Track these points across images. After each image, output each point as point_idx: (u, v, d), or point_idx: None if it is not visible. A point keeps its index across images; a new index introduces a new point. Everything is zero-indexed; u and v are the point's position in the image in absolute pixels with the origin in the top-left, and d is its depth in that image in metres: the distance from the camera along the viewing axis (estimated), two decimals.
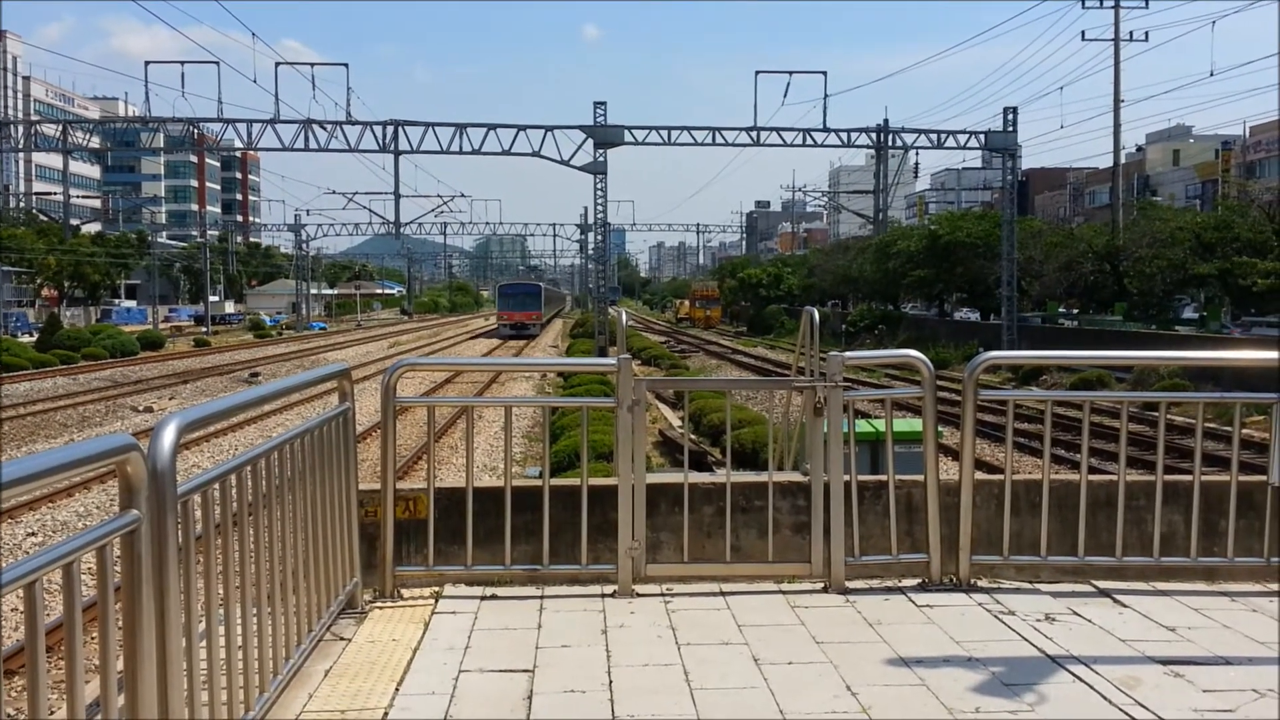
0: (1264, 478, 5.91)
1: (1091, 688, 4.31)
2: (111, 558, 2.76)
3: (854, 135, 44.91)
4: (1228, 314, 44.68)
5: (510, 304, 74.58)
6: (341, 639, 4.85)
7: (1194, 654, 4.73)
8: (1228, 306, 45.07)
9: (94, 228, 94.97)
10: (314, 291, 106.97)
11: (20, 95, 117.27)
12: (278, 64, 41.62)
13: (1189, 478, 5.94)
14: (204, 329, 75.22)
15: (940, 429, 6.45)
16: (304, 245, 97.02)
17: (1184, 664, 4.59)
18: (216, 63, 40.71)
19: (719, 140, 43.18)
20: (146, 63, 41.28)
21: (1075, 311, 52.12)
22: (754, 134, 42.64)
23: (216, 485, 3.48)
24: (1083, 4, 50.82)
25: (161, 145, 52.37)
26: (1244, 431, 6.19)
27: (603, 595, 5.56)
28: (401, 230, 56.28)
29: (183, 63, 41.88)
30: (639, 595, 5.56)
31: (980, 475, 6.32)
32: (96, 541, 2.65)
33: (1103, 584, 5.75)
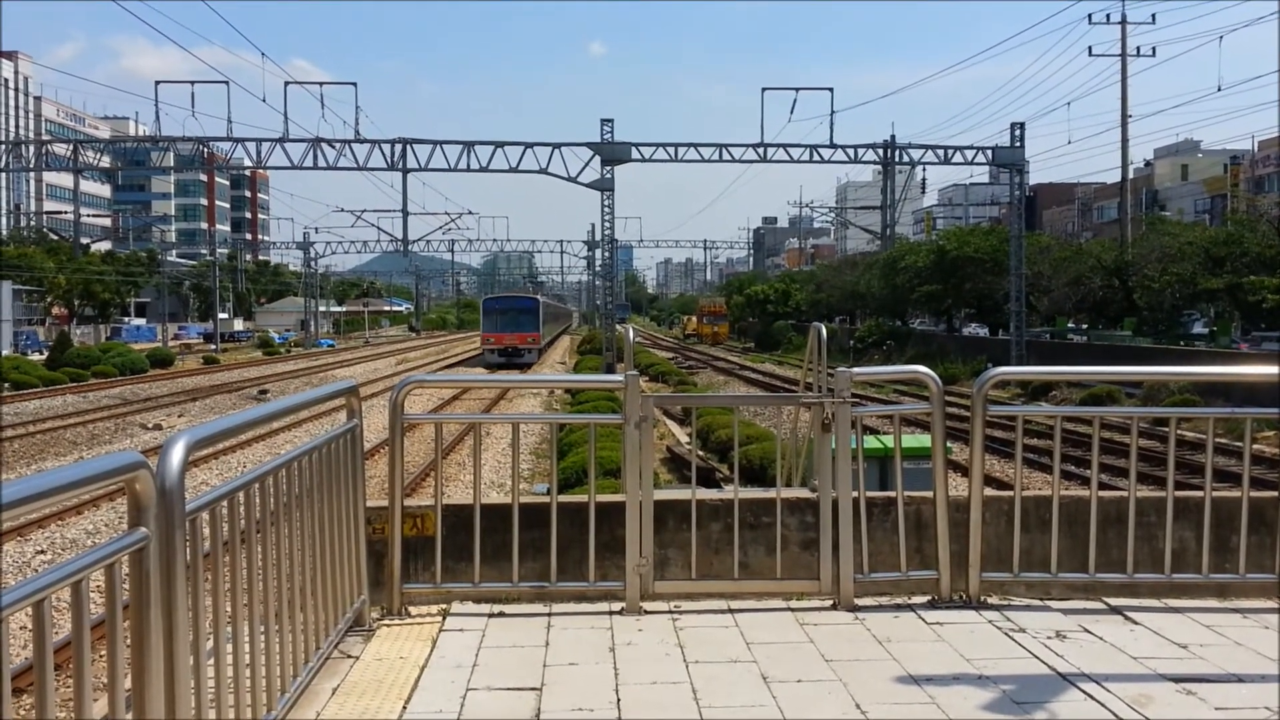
0: (1275, 493, 5.88)
1: (1103, 705, 4.28)
2: (120, 576, 2.76)
3: (861, 151, 44.93)
4: (1238, 329, 44.57)
5: (498, 323, 57.97)
6: (349, 657, 4.84)
7: (1206, 671, 4.69)
8: (1238, 321, 44.96)
9: (104, 246, 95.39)
10: (322, 309, 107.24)
11: (31, 115, 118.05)
12: (287, 83, 41.79)
13: (1200, 493, 5.91)
14: (213, 346, 75.39)
15: (949, 445, 6.44)
16: (313, 263, 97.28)
17: (1196, 681, 4.56)
18: (226, 82, 40.99)
19: (726, 157, 43.28)
20: (157, 82, 41.54)
21: (1084, 327, 52.05)
22: (761, 150, 42.70)
23: (225, 503, 3.48)
24: (1090, 20, 51.05)
25: (171, 164, 52.56)
26: (1255, 447, 6.15)
27: (610, 613, 5.54)
28: (409, 247, 56.44)
29: (193, 82, 42.14)
30: (647, 613, 5.54)
31: (990, 491, 6.30)
32: (105, 559, 2.65)
33: (1114, 601, 5.72)
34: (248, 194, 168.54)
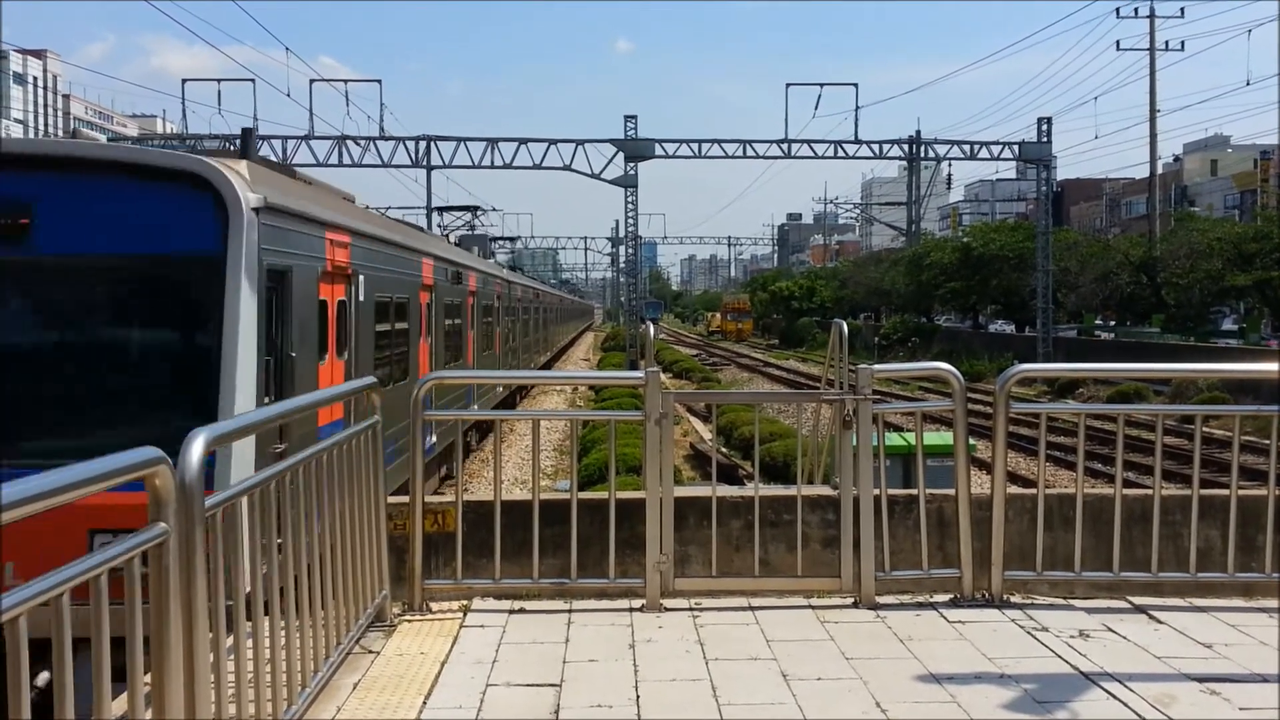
0: None
1: (1125, 705, 4.25)
2: (139, 571, 2.77)
3: (886, 147, 44.80)
4: (1268, 325, 44.12)
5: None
6: (370, 652, 4.86)
7: (1231, 671, 4.65)
8: (1267, 318, 44.51)
9: None
10: None
11: (60, 113, 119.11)
12: (312, 80, 41.95)
13: (1226, 492, 5.85)
14: None
15: (973, 442, 6.40)
16: None
17: (1221, 681, 4.51)
18: (252, 80, 41.17)
19: (750, 153, 43.19)
20: (184, 80, 41.85)
21: (1112, 323, 51.65)
22: (785, 146, 42.61)
23: (245, 498, 3.50)
24: (1118, 14, 50.64)
25: None
26: None
27: (630, 609, 5.54)
28: None
29: (219, 80, 42.40)
30: (667, 609, 5.53)
31: (1013, 489, 6.27)
32: (124, 554, 2.66)
33: (1138, 600, 5.67)
34: None
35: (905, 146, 47.04)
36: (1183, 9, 63.73)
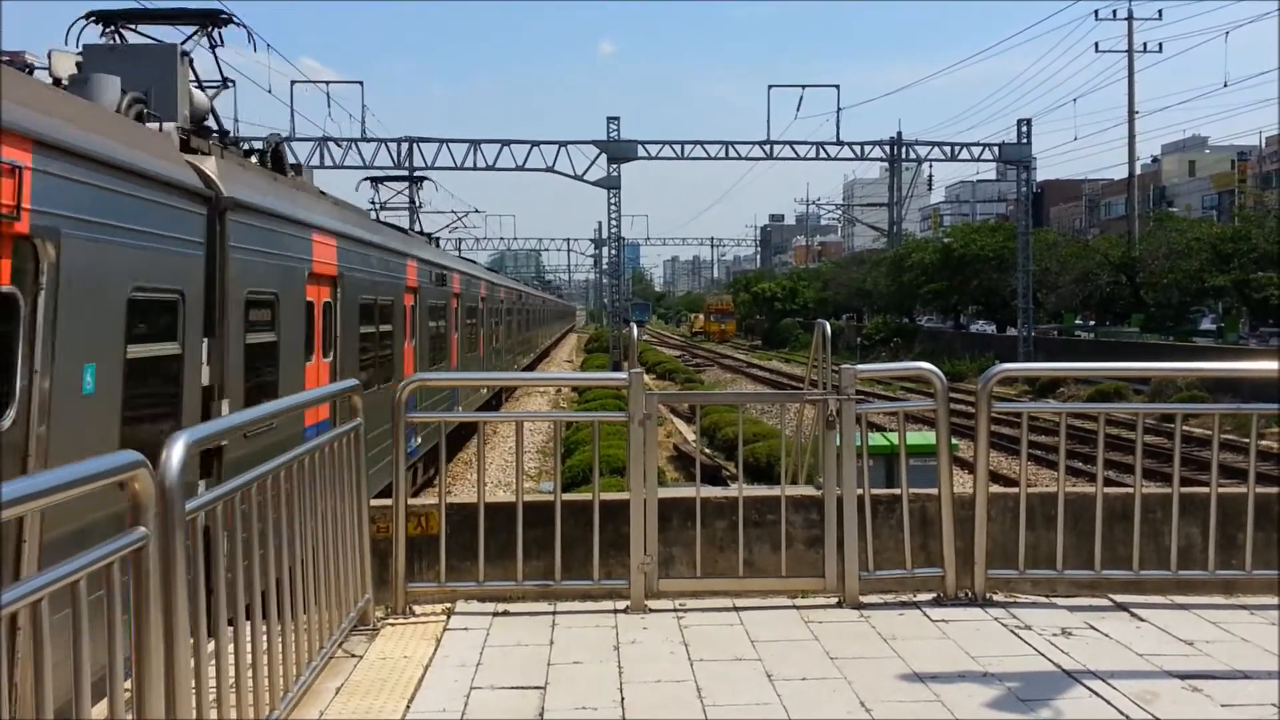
0: None
1: (1108, 702, 4.27)
2: (118, 576, 2.75)
3: (868, 148, 44.89)
4: (1246, 325, 44.47)
5: None
6: (353, 656, 4.83)
7: (1212, 668, 4.67)
8: (1245, 318, 44.86)
9: None
10: None
11: None
12: (294, 81, 41.78)
13: (1206, 490, 5.88)
14: None
15: (955, 442, 6.42)
16: None
17: (1202, 678, 4.54)
18: (233, 82, 40.91)
19: (732, 154, 43.23)
20: None
21: (1092, 323, 51.94)
22: (767, 148, 42.67)
23: (225, 502, 3.48)
24: (1096, 16, 50.87)
25: None
26: (1261, 443, 6.12)
27: (615, 611, 5.53)
28: None
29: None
30: (651, 611, 5.53)
31: (995, 488, 6.28)
32: (102, 559, 2.64)
33: (1119, 598, 5.70)
34: None
35: (886, 148, 47.21)
36: (1160, 11, 64.28)
